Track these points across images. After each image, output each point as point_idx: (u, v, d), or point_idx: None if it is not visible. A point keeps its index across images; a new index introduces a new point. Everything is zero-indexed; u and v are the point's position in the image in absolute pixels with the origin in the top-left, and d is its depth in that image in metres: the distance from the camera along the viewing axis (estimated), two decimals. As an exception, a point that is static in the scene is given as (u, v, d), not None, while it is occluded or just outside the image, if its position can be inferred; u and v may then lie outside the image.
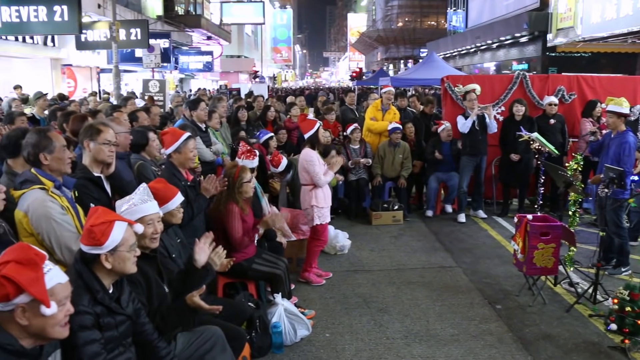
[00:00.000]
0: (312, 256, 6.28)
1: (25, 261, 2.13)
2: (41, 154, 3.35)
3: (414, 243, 7.73)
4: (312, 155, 6.10)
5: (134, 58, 20.00)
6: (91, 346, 2.61)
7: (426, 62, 19.52)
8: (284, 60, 77.09)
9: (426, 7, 55.90)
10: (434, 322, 5.30)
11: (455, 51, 33.30)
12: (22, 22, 12.07)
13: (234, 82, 35.70)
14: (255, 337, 4.41)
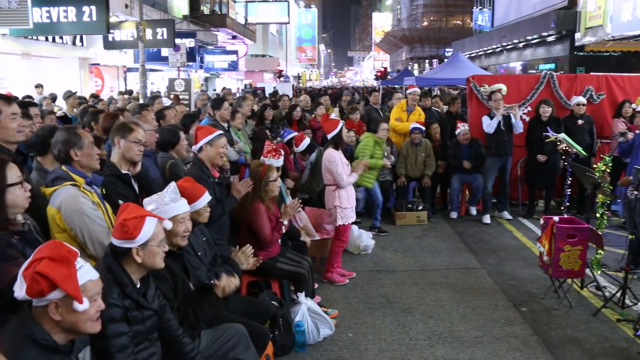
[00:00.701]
0: (334, 256, 6.27)
1: (59, 258, 2.17)
2: (71, 150, 3.40)
3: (438, 244, 7.69)
4: (335, 155, 6.09)
5: (160, 57, 20.22)
6: (119, 338, 2.67)
7: (451, 61, 19.38)
8: (308, 60, 77.17)
9: (451, 6, 55.44)
10: (458, 323, 5.26)
11: (481, 51, 33.02)
12: (52, 22, 12.27)
13: (259, 82, 35.88)
14: (278, 335, 4.42)
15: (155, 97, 8.69)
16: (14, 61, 16.04)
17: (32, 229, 2.91)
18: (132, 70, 22.17)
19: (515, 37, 25.93)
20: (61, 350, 2.27)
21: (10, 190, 2.70)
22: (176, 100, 13.11)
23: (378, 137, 7.71)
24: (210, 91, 24.66)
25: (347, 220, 6.18)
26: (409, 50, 57.39)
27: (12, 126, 3.57)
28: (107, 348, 2.63)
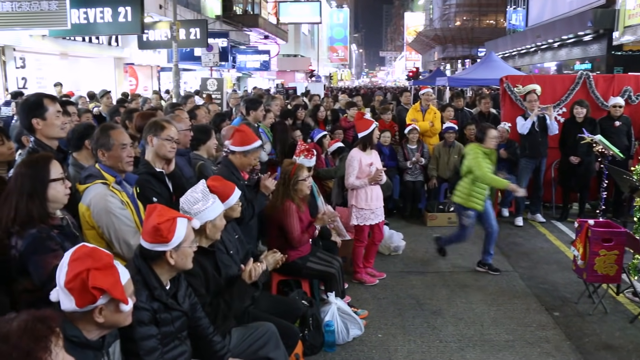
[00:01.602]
0: (356, 256, 6.24)
1: (103, 267, 2.21)
2: (99, 150, 3.48)
3: (470, 246, 7.59)
4: (355, 156, 6.05)
5: (193, 57, 20.44)
6: (148, 341, 2.69)
7: (484, 61, 19.13)
8: (340, 60, 77.07)
9: (485, 6, 54.72)
10: (489, 326, 5.20)
11: (515, 50, 32.53)
12: (89, 23, 12.51)
13: (290, 81, 35.97)
14: (308, 335, 4.43)
15: (188, 96, 8.80)
16: (52, 61, 16.42)
17: (70, 224, 2.98)
18: (165, 70, 22.49)
19: (550, 37, 25.48)
20: (92, 346, 2.32)
21: (52, 185, 2.78)
22: (208, 99, 13.24)
23: (486, 148, 6.41)
24: (241, 91, 24.84)
25: (364, 222, 6.11)
26: (441, 51, 56.89)
27: (57, 123, 3.68)
28: (136, 350, 2.66)
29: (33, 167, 2.78)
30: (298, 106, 9.54)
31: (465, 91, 20.54)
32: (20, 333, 1.72)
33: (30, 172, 2.76)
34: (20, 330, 1.72)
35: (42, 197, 2.75)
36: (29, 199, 2.71)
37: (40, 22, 10.78)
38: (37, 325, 1.76)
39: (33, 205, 2.71)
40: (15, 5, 10.40)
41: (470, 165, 6.34)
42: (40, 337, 1.74)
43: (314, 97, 11.69)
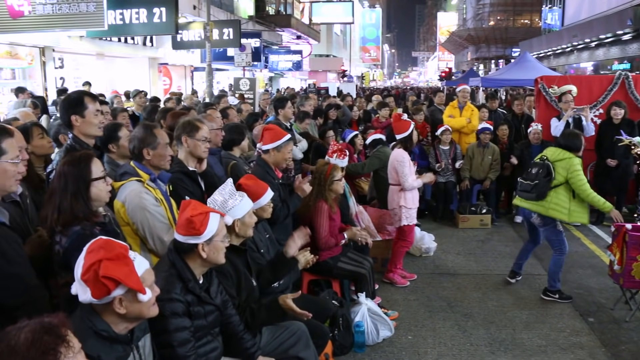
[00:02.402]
0: (397, 257, 6.24)
1: (115, 257, 2.23)
2: (145, 149, 3.52)
3: (502, 248, 7.52)
4: (404, 156, 6.05)
5: (225, 57, 20.62)
6: (181, 333, 2.73)
7: (519, 62, 18.92)
8: (372, 60, 76.90)
9: (519, 5, 53.98)
10: (521, 331, 5.13)
11: (550, 50, 32.02)
12: (125, 24, 12.72)
13: (322, 81, 36.02)
14: (337, 335, 4.43)
15: (221, 95, 8.89)
16: (89, 61, 16.78)
17: (112, 220, 3.04)
18: (198, 70, 22.74)
19: (587, 36, 24.99)
20: (121, 340, 2.36)
21: (94, 184, 2.82)
22: (241, 99, 13.35)
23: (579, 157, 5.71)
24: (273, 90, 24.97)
25: (412, 221, 6.13)
26: (474, 51, 56.32)
27: (94, 121, 3.75)
28: (169, 342, 2.69)
29: (76, 166, 2.81)
30: (331, 106, 9.55)
31: (498, 92, 20.27)
32: (28, 345, 1.71)
33: (73, 172, 2.80)
34: (27, 342, 1.71)
35: (86, 196, 2.79)
36: (72, 199, 2.75)
37: (78, 23, 11.01)
38: (44, 337, 1.74)
39: (77, 205, 2.75)
40: (56, 8, 10.65)
41: (575, 181, 5.55)
42: (48, 350, 1.73)
43: (346, 97, 11.68)
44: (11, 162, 2.54)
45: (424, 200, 8.63)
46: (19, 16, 10.81)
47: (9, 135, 2.58)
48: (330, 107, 9.36)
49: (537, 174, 5.66)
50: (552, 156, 5.70)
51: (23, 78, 14.31)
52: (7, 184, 2.55)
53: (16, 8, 10.75)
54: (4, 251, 2.41)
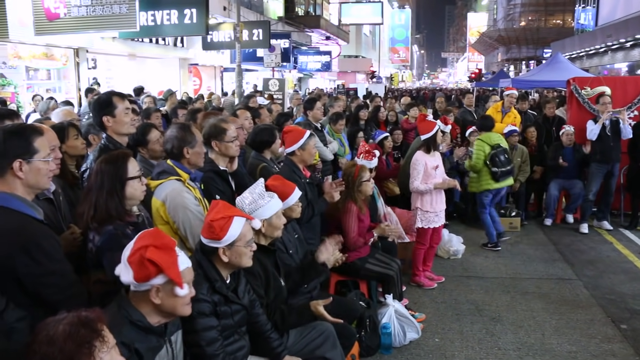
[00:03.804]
0: (416, 259, 6.18)
1: (162, 246, 2.31)
2: (185, 147, 3.58)
3: (531, 252, 7.42)
4: (419, 159, 5.97)
5: (255, 57, 20.77)
6: (209, 332, 2.76)
7: (550, 63, 18.62)
8: (401, 61, 76.58)
9: (551, 5, 53.17)
10: (550, 336, 5.06)
11: (583, 51, 31.44)
12: (156, 25, 12.93)
13: (351, 82, 36.05)
14: (364, 336, 4.43)
15: (250, 96, 8.95)
16: (121, 62, 17.09)
17: (145, 220, 3.09)
18: (228, 70, 22.95)
19: (623, 36, 24.46)
20: (155, 332, 2.41)
21: (130, 183, 2.88)
22: (270, 99, 13.43)
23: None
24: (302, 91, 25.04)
25: (428, 224, 6.05)
26: (505, 52, 55.70)
27: (126, 120, 3.83)
28: (197, 341, 2.73)
29: (112, 165, 2.88)
30: (360, 107, 9.55)
31: (529, 93, 19.98)
32: (65, 337, 1.78)
33: (109, 170, 2.86)
34: (65, 334, 1.79)
35: (121, 194, 2.84)
36: (108, 196, 2.81)
37: (111, 25, 11.24)
38: (80, 330, 1.82)
39: (111, 203, 2.81)
40: (90, 10, 10.89)
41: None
42: (83, 343, 1.80)
43: (375, 98, 11.66)
44: (43, 160, 2.60)
45: (453, 203, 8.57)
46: (55, 18, 11.08)
47: (40, 134, 2.63)
48: (360, 108, 9.35)
49: (508, 159, 7.44)
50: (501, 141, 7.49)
51: (58, 78, 14.65)
52: (40, 182, 2.61)
53: (52, 10, 11.02)
54: (43, 248, 2.47)
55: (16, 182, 2.52)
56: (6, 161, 2.50)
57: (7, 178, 2.52)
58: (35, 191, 2.65)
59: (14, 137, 2.53)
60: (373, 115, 9.96)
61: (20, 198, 2.53)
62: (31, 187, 2.58)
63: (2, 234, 2.43)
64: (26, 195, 2.57)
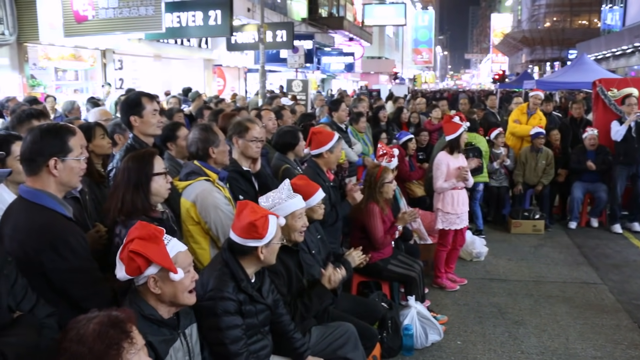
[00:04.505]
0: (439, 260, 6.16)
1: (147, 236, 2.34)
2: (210, 147, 3.64)
3: (555, 255, 7.35)
4: (442, 159, 5.97)
5: (278, 59, 20.85)
6: (234, 331, 2.79)
7: (575, 64, 18.35)
8: (424, 62, 76.21)
9: (577, 5, 52.53)
10: (574, 341, 5.00)
11: (609, 52, 31.00)
12: (181, 26, 13.09)
13: (374, 83, 36.01)
14: (386, 337, 4.43)
15: (274, 97, 9.01)
16: (147, 63, 17.29)
17: (170, 217, 3.15)
18: (252, 71, 23.07)
19: (651, 37, 24.10)
20: (168, 325, 2.47)
21: (155, 179, 2.95)
22: (294, 100, 13.48)
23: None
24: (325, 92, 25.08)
25: (449, 226, 6.02)
26: (529, 53, 55.16)
27: (153, 121, 3.88)
28: (221, 339, 2.76)
29: (139, 161, 2.96)
30: (380, 107, 9.55)
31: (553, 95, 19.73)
32: (95, 336, 1.83)
33: (136, 166, 2.94)
34: (94, 333, 1.84)
35: (146, 189, 2.92)
36: (134, 191, 2.89)
37: (138, 26, 11.41)
38: (110, 331, 1.86)
39: (138, 197, 2.88)
40: (117, 12, 11.06)
41: None
42: (112, 344, 1.84)
43: (398, 99, 11.65)
44: (76, 159, 2.67)
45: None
46: (83, 20, 11.28)
47: (73, 134, 2.71)
48: (379, 109, 9.35)
49: (477, 156, 7.31)
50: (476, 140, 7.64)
51: (85, 79, 14.90)
52: (72, 180, 2.68)
53: (81, 13, 11.22)
54: (70, 245, 2.53)
55: (50, 180, 2.60)
56: (42, 159, 2.57)
57: (42, 175, 2.59)
58: (66, 189, 2.72)
59: (50, 136, 2.61)
60: (395, 117, 9.97)
61: (51, 195, 2.60)
62: (63, 185, 2.66)
63: (32, 230, 2.50)
64: (57, 193, 2.64)
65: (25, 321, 2.22)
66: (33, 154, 2.59)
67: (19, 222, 2.55)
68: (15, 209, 2.63)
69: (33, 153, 2.59)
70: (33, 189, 2.59)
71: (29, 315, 2.26)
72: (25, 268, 2.37)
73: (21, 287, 2.30)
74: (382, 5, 38.34)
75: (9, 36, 11.46)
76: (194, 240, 3.52)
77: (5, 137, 3.28)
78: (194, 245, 3.51)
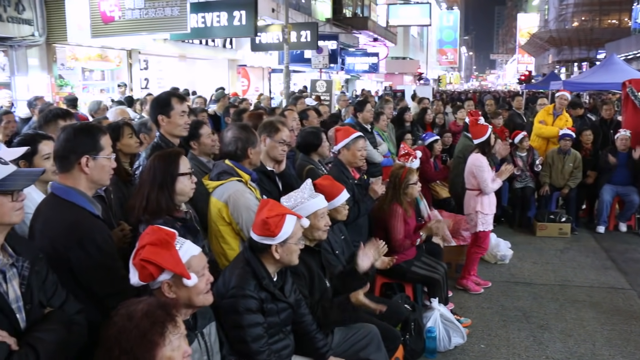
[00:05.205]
0: (472, 263, 6.14)
1: (158, 242, 2.32)
2: (249, 148, 3.64)
3: (582, 259, 7.23)
4: (482, 161, 5.95)
5: (302, 59, 20.87)
6: (255, 329, 2.80)
7: (604, 64, 18.04)
8: (449, 63, 75.66)
9: (606, 4, 51.69)
10: (601, 347, 4.91)
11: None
12: (206, 27, 13.18)
13: (398, 84, 35.80)
14: (409, 339, 4.40)
15: (299, 97, 9.02)
16: (172, 63, 17.45)
17: (193, 218, 3.17)
18: (276, 72, 23.12)
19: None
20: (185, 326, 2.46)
21: (180, 179, 2.97)
22: (318, 100, 13.48)
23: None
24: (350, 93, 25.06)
25: (488, 227, 6.01)
26: (556, 53, 54.45)
27: (180, 122, 3.92)
28: (243, 337, 2.77)
29: (165, 161, 2.99)
30: (405, 109, 9.50)
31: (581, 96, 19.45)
32: (142, 315, 1.92)
33: (162, 165, 2.97)
34: (142, 312, 1.93)
35: (171, 189, 2.94)
36: (159, 190, 2.91)
37: (163, 27, 11.53)
38: (157, 311, 1.95)
39: (162, 196, 2.91)
40: (143, 12, 11.20)
41: None
42: (157, 322, 1.92)
43: (423, 100, 11.59)
44: (107, 157, 2.72)
45: (500, 207, 8.43)
46: (110, 21, 11.44)
47: (105, 133, 2.77)
48: (404, 110, 9.32)
49: None
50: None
51: (111, 79, 15.09)
52: (102, 178, 2.73)
53: (108, 14, 11.39)
54: (97, 242, 2.57)
55: (81, 178, 2.65)
56: (74, 157, 2.63)
57: (74, 173, 2.65)
58: (96, 187, 2.77)
59: (83, 135, 2.67)
60: (420, 117, 9.91)
61: (81, 193, 2.65)
62: (94, 182, 2.71)
63: (62, 227, 2.55)
64: (87, 191, 2.69)
65: (56, 317, 2.25)
66: (66, 151, 2.65)
67: (49, 218, 2.60)
68: (47, 205, 2.69)
69: (66, 151, 2.65)
70: (64, 186, 2.64)
71: (59, 312, 2.29)
72: (54, 264, 2.41)
73: (52, 284, 2.33)
74: (407, 5, 38.16)
75: (39, 37, 11.68)
76: (224, 241, 3.53)
77: (32, 136, 3.35)
78: (224, 246, 3.52)
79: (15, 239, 2.26)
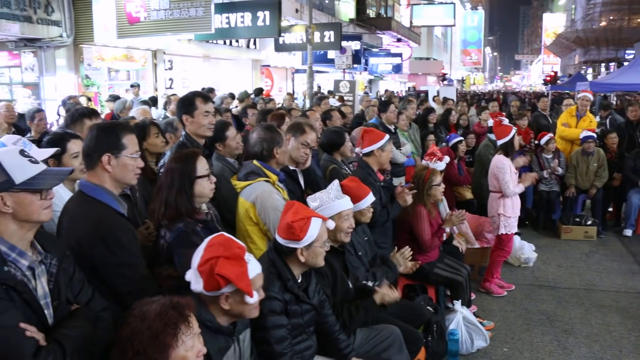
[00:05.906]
0: (495, 266, 6.08)
1: (232, 256, 2.34)
2: (275, 148, 3.66)
3: (608, 263, 7.12)
4: (505, 162, 5.89)
5: (326, 59, 20.90)
6: (279, 330, 2.80)
7: (633, 64, 17.77)
8: (473, 63, 75.07)
9: (636, 3, 50.54)
10: (628, 353, 4.82)
11: (670, 53, 29.88)
12: (230, 27, 13.27)
13: (422, 84, 35.61)
14: (431, 341, 4.37)
15: (322, 97, 9.03)
16: (196, 63, 17.60)
17: (214, 218, 3.18)
18: (299, 72, 23.19)
19: None
20: (224, 332, 2.48)
21: (198, 181, 2.96)
22: (341, 101, 13.48)
23: None
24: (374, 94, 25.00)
25: (510, 230, 5.95)
26: (582, 53, 53.59)
27: (203, 122, 3.94)
28: (267, 338, 2.77)
29: (181, 164, 2.97)
30: (428, 110, 9.46)
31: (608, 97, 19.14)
32: (155, 316, 1.94)
33: (179, 168, 2.96)
34: (155, 313, 1.95)
35: (189, 192, 2.93)
36: (177, 194, 2.90)
37: (188, 27, 11.64)
38: (169, 312, 1.96)
39: (181, 200, 2.90)
40: (168, 13, 11.32)
41: None
42: (170, 324, 1.94)
43: (447, 100, 11.53)
44: (131, 156, 2.73)
45: (525, 209, 8.33)
46: (136, 22, 11.59)
47: (130, 132, 2.78)
48: (428, 112, 9.27)
49: None
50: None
51: (137, 79, 15.29)
52: (127, 177, 2.75)
53: (133, 15, 11.54)
54: (120, 240, 2.58)
55: (105, 176, 2.68)
56: (97, 155, 2.66)
57: (97, 171, 2.68)
58: (122, 186, 2.79)
59: (105, 133, 2.70)
60: (444, 119, 9.85)
61: (107, 190, 2.68)
62: (118, 181, 2.73)
63: (86, 224, 2.57)
64: (113, 189, 2.71)
65: (82, 314, 2.28)
66: (90, 149, 2.69)
67: (75, 215, 2.64)
68: (74, 203, 2.73)
69: (90, 149, 2.69)
70: (91, 184, 2.68)
71: (85, 309, 2.32)
72: (79, 261, 2.44)
73: (78, 281, 2.36)
74: (431, 5, 37.93)
75: (67, 38, 11.90)
76: (250, 241, 3.55)
77: (61, 135, 3.40)
78: (251, 246, 3.54)
79: (43, 236, 2.29)
